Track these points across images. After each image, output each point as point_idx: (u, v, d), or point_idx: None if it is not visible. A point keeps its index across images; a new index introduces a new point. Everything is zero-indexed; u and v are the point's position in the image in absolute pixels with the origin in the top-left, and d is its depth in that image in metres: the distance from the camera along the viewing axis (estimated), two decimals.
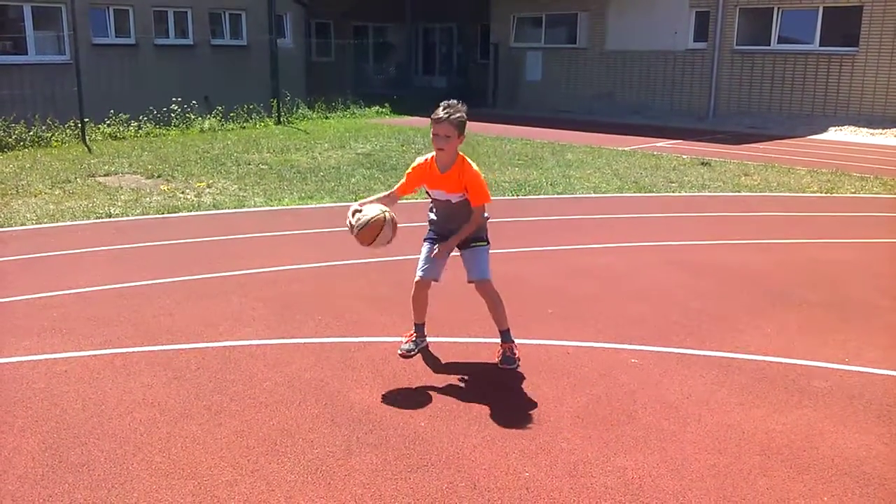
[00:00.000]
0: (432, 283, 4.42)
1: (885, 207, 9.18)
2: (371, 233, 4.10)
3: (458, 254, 4.41)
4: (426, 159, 4.32)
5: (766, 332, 5.02)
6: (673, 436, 3.65)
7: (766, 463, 3.42)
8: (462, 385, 4.20)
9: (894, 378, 4.33)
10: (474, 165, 4.28)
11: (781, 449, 3.54)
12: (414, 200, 9.01)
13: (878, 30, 16.56)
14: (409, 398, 4.03)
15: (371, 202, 4.24)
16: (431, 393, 4.09)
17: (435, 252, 4.33)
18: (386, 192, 4.43)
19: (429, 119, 4.25)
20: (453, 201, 4.30)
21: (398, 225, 4.19)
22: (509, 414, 3.86)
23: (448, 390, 4.12)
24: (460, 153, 4.25)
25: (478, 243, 4.39)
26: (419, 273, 4.40)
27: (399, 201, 4.37)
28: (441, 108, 4.13)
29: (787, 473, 3.33)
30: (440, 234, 4.41)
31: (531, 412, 3.87)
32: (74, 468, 3.33)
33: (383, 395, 4.05)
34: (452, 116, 4.10)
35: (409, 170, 4.39)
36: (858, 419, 3.83)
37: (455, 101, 4.18)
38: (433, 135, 4.17)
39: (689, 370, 4.41)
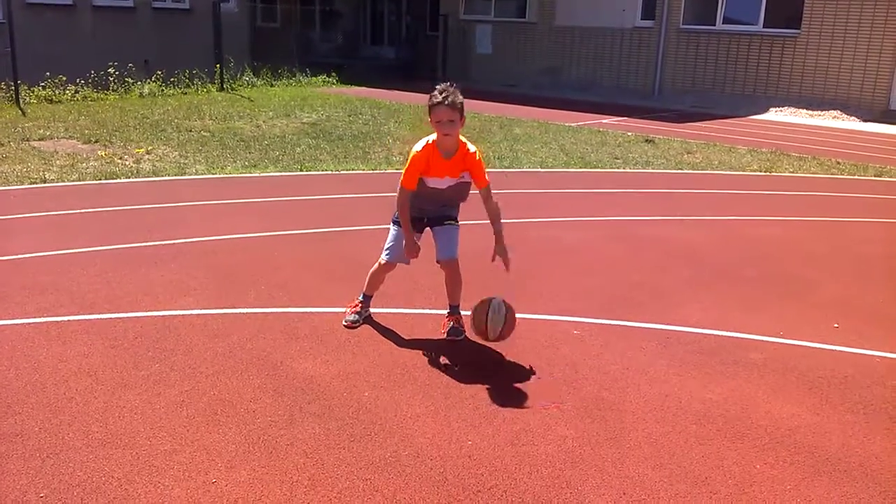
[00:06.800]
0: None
1: (822, 187, 9.43)
2: (511, 325, 4.10)
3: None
4: (427, 145, 4.14)
5: (704, 305, 5.13)
6: (612, 405, 3.72)
7: (702, 431, 3.50)
8: (406, 356, 4.20)
9: (826, 351, 4.47)
10: (473, 146, 4.21)
11: (717, 418, 3.63)
12: (370, 171, 8.91)
13: (819, 12, 16.90)
14: (352, 368, 4.02)
15: (408, 227, 4.17)
16: (375, 363, 4.08)
17: (500, 259, 4.31)
18: (403, 200, 4.19)
19: (378, 90, 4.19)
20: (450, 185, 4.25)
21: None
22: (453, 384, 3.88)
23: (392, 360, 4.12)
24: (460, 136, 4.18)
25: (450, 221, 4.37)
26: (386, 256, 4.37)
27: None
28: (440, 93, 4.00)
29: (721, 442, 3.42)
30: (427, 215, 4.34)
31: (475, 383, 3.89)
32: (7, 438, 3.24)
33: (326, 365, 4.03)
34: (454, 100, 4.00)
35: (412, 160, 4.17)
36: (791, 390, 3.95)
37: (449, 84, 4.09)
38: (436, 122, 4.03)
39: (629, 342, 4.48)
